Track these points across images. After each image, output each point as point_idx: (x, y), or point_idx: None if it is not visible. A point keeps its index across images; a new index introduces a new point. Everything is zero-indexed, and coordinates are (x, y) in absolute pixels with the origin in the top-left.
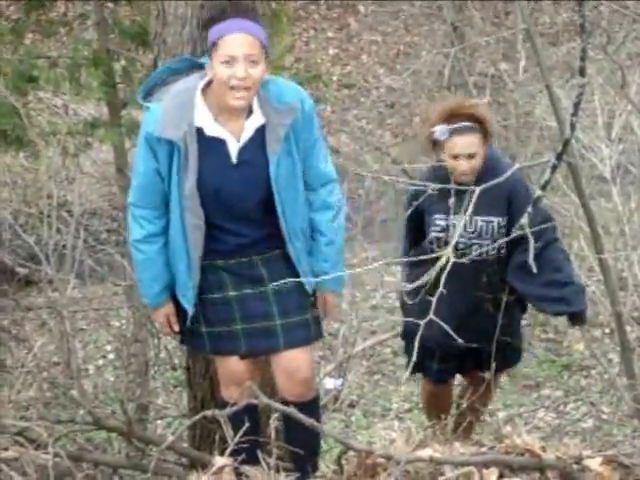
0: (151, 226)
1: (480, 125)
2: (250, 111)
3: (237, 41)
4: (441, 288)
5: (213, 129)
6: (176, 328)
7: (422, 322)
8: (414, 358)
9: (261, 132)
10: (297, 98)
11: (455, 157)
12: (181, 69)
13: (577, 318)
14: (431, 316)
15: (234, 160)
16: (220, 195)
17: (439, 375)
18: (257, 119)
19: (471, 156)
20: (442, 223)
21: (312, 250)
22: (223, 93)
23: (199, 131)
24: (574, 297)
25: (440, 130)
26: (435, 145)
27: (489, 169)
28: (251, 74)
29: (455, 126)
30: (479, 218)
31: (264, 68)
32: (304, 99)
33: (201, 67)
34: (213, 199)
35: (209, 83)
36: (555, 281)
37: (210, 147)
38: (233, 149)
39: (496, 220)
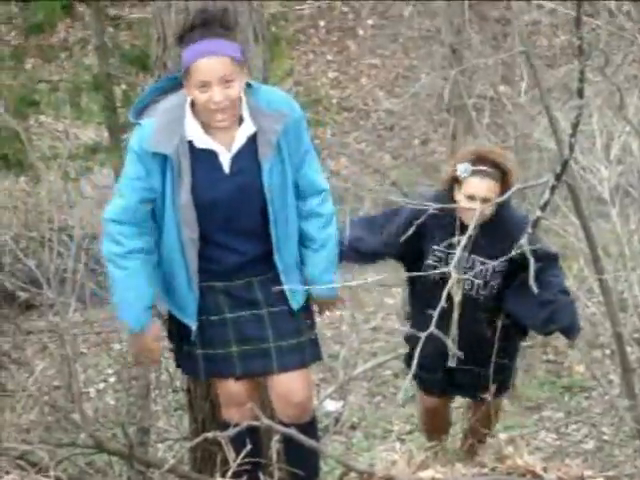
0: (132, 242)
1: (502, 175)
2: (241, 120)
3: (208, 66)
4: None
5: (203, 141)
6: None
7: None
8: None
9: (252, 140)
10: (286, 105)
11: (470, 198)
12: (168, 87)
13: (568, 332)
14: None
15: (227, 170)
16: (216, 207)
17: (430, 384)
18: (248, 128)
19: (485, 200)
20: (442, 255)
21: (302, 258)
22: (205, 115)
23: (190, 144)
24: (558, 314)
25: (463, 167)
26: (454, 182)
27: (499, 216)
28: (229, 95)
29: (478, 168)
30: (478, 258)
31: (242, 81)
32: (293, 107)
33: None
34: (209, 212)
35: None
36: (543, 301)
37: (202, 159)
38: (225, 159)
39: (492, 265)
